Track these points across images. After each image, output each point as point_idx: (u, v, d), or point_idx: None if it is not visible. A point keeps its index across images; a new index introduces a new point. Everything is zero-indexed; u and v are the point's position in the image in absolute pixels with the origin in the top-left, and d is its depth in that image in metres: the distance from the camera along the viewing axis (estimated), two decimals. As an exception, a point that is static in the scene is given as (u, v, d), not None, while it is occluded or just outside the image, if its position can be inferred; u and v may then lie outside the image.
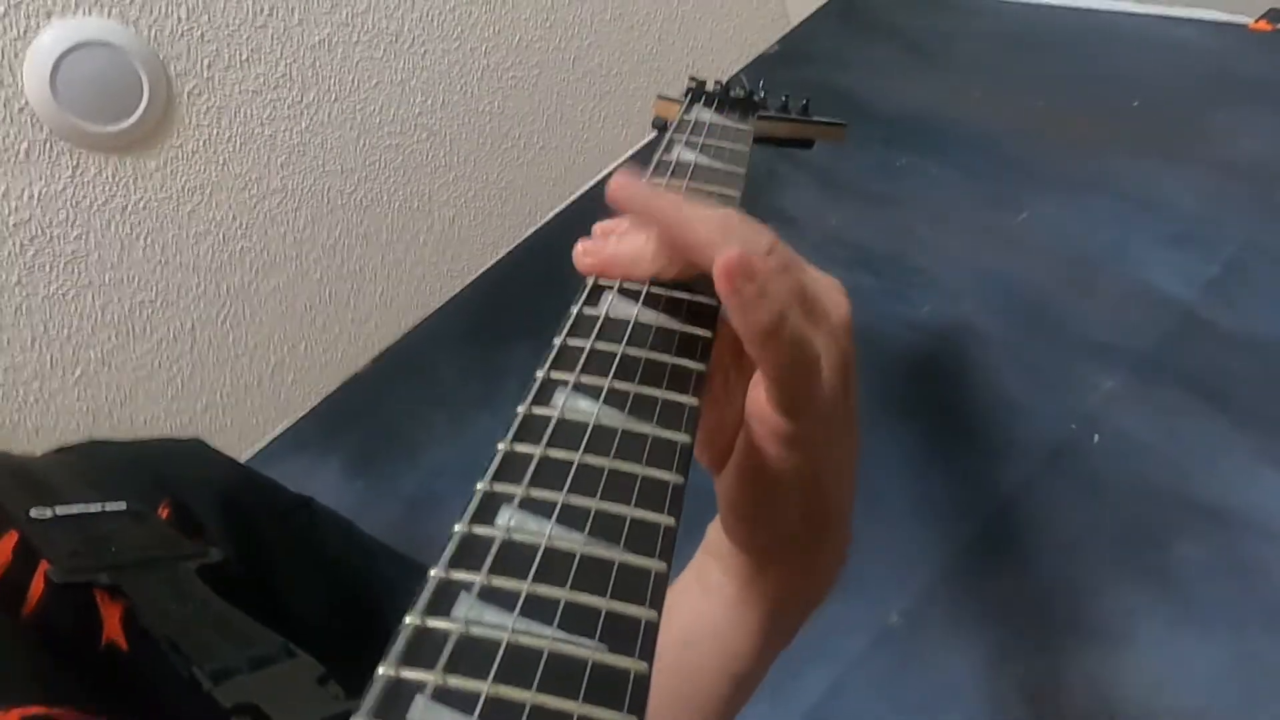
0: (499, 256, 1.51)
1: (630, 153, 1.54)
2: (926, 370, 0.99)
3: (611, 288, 0.38)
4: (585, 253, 0.40)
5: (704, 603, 0.45)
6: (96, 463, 0.59)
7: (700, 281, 0.38)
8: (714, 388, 0.37)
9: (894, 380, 1.00)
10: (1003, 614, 0.79)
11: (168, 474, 0.61)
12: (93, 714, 0.40)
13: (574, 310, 0.37)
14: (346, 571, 0.68)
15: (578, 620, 0.26)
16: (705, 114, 0.60)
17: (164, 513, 0.57)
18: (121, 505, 0.53)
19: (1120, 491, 0.82)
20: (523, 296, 1.41)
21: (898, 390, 0.99)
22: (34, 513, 0.49)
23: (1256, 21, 1.24)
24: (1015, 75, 1.32)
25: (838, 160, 1.24)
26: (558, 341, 0.35)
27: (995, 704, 0.74)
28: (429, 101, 1.36)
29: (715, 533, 0.44)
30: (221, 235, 1.26)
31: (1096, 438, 0.86)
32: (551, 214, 1.53)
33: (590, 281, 0.39)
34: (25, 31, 1.05)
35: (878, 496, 0.91)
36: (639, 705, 0.24)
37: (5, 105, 1.06)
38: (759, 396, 0.35)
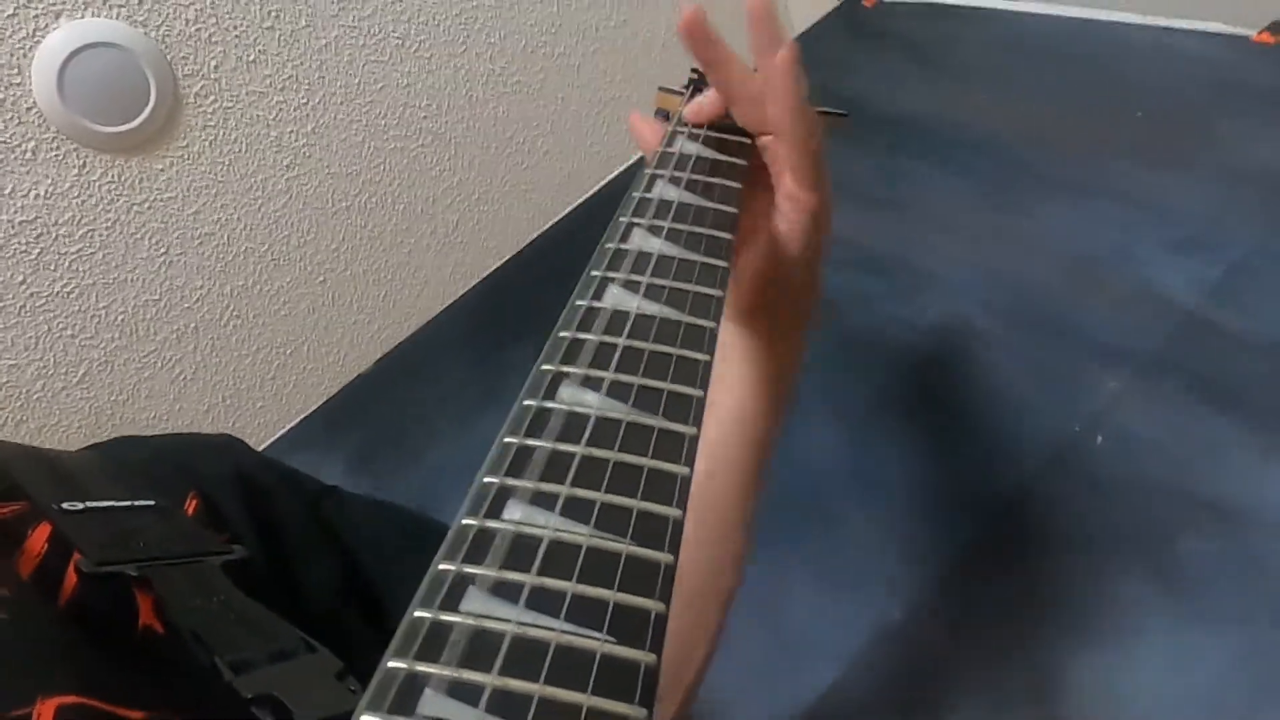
0: (502, 260, 1.51)
1: (635, 158, 1.54)
2: (932, 372, 0.99)
3: (615, 280, 0.38)
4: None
5: (726, 398, 0.55)
6: (125, 459, 0.59)
7: (705, 273, 0.40)
8: (745, 199, 0.49)
9: (900, 381, 1.00)
10: (1007, 611, 0.79)
11: (193, 467, 0.62)
12: (128, 700, 0.40)
13: (578, 303, 0.37)
14: (376, 556, 0.68)
15: (586, 613, 0.26)
16: None
17: (191, 506, 0.57)
18: (149, 502, 0.53)
19: (1125, 490, 0.82)
20: (526, 300, 1.41)
21: (903, 391, 0.99)
22: (66, 505, 0.49)
23: (1260, 34, 1.24)
24: (1020, 83, 1.33)
25: (843, 164, 1.24)
26: (564, 335, 0.35)
27: (999, 700, 0.74)
28: (434, 106, 1.36)
29: (725, 336, 0.55)
30: (226, 237, 1.26)
31: (1100, 438, 0.86)
32: (555, 219, 1.53)
33: (598, 275, 0.39)
34: (34, 32, 1.06)
35: (883, 495, 0.91)
36: (648, 697, 0.24)
37: (13, 105, 1.07)
38: (790, 182, 0.50)
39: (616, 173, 1.54)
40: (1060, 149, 1.18)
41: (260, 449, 1.36)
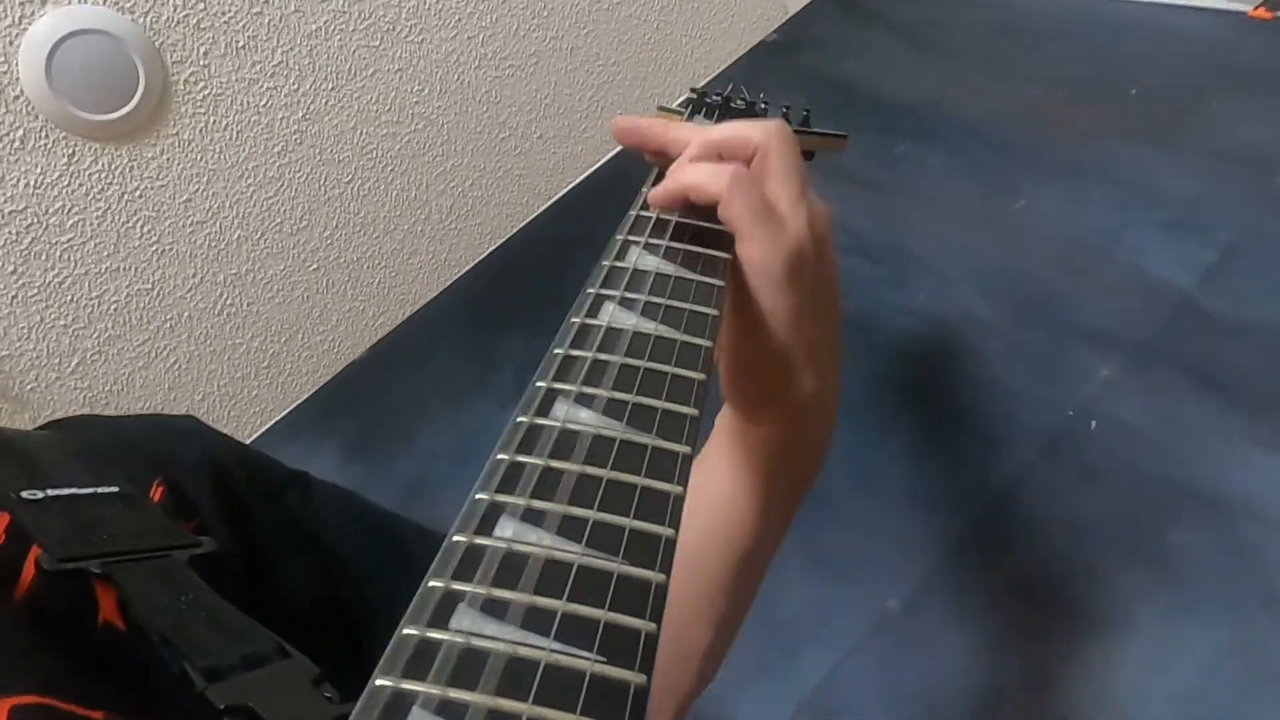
0: (495, 245, 1.50)
1: (628, 141, 1.53)
2: (923, 357, 0.99)
3: (613, 298, 0.38)
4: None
5: (708, 478, 0.49)
6: (88, 441, 0.57)
7: (701, 291, 0.40)
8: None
9: (891, 366, 1.00)
10: (1001, 600, 0.79)
11: (160, 453, 0.59)
12: (88, 699, 0.39)
13: (574, 320, 0.37)
14: (342, 551, 0.66)
15: (576, 632, 0.26)
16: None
17: (157, 494, 0.55)
18: (114, 489, 0.51)
19: (1117, 478, 0.82)
20: (519, 285, 1.41)
21: (895, 376, 0.99)
22: (25, 494, 0.47)
23: (1255, 9, 1.23)
24: (1012, 63, 1.32)
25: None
26: (559, 352, 0.35)
27: (993, 689, 0.74)
28: (426, 90, 1.35)
29: (719, 418, 0.51)
30: (218, 224, 1.25)
31: (1094, 424, 0.86)
32: (548, 203, 1.53)
33: (594, 292, 0.39)
34: (21, 19, 1.05)
35: (875, 482, 0.91)
36: (638, 717, 0.24)
37: (0, 93, 1.06)
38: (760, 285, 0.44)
39: (609, 156, 1.53)
40: (1054, 130, 1.18)
41: (254, 437, 1.36)
